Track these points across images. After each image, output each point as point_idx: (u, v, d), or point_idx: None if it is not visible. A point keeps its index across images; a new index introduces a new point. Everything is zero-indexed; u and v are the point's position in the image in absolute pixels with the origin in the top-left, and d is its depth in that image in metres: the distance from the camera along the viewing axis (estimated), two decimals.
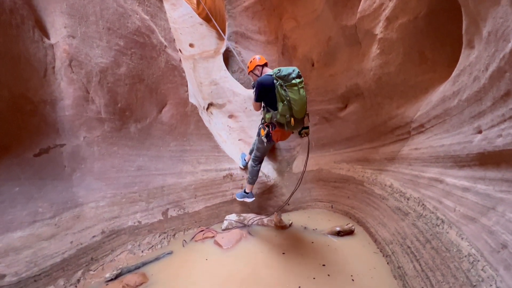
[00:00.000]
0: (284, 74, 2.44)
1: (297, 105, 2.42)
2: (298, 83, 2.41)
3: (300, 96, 2.43)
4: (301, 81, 2.47)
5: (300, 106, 2.45)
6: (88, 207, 2.60)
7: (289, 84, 2.41)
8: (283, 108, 2.47)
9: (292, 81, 2.41)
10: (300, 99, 2.43)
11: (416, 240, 2.16)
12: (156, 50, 2.68)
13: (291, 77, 2.43)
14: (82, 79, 2.29)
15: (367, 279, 2.25)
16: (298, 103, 2.42)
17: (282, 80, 2.44)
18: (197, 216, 3.39)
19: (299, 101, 2.43)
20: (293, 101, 2.41)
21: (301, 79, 2.48)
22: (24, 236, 2.13)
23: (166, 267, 2.60)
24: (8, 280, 1.98)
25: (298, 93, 2.42)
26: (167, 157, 3.16)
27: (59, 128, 2.39)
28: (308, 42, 4.13)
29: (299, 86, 2.42)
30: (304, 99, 2.48)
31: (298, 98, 2.42)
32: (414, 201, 2.34)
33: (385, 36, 2.69)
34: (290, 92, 2.41)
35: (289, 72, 2.45)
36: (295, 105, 2.42)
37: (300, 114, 2.49)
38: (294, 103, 2.41)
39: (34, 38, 1.98)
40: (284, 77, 2.43)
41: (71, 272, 2.35)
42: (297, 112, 2.45)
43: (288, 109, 2.45)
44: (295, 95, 2.41)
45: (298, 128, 2.66)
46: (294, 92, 2.41)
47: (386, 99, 2.99)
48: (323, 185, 4.04)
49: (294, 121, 2.47)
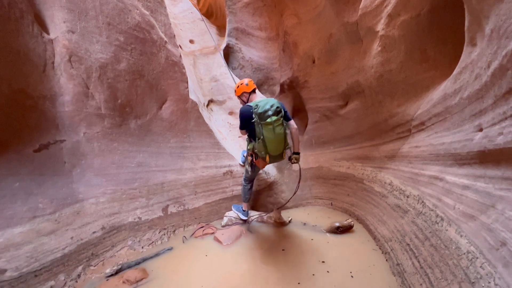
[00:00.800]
0: (260, 112, 2.35)
1: (271, 144, 2.36)
2: (273, 122, 2.31)
3: (275, 135, 2.33)
4: (278, 119, 2.35)
5: (275, 144, 2.38)
6: (88, 203, 2.60)
7: (264, 122, 2.33)
8: (259, 145, 2.44)
9: (267, 120, 2.32)
10: (275, 137, 2.34)
11: (415, 237, 2.17)
12: (156, 46, 2.67)
13: (266, 115, 2.34)
14: (82, 74, 2.28)
15: (366, 276, 2.26)
16: (272, 142, 2.35)
17: (258, 117, 2.36)
18: (197, 213, 3.40)
19: (274, 139, 2.35)
20: (267, 139, 2.34)
21: (278, 117, 2.36)
22: (25, 232, 2.14)
23: (166, 263, 2.61)
24: (9, 275, 1.99)
25: (272, 132, 2.32)
26: (167, 153, 3.16)
27: (59, 124, 2.39)
28: (309, 39, 4.10)
29: (274, 125, 2.31)
30: (280, 137, 2.37)
31: (273, 137, 2.34)
32: (413, 198, 2.35)
33: (386, 33, 2.68)
34: (265, 131, 2.33)
35: (265, 109, 2.35)
36: (269, 143, 2.35)
37: (275, 152, 2.43)
38: (268, 141, 2.34)
39: (33, 32, 1.97)
40: (260, 114, 2.35)
41: (71, 267, 2.36)
42: (272, 150, 2.40)
43: (263, 146, 2.41)
44: (269, 134, 2.33)
45: (278, 160, 2.62)
46: (269, 130, 2.33)
47: (387, 97, 2.98)
48: (323, 182, 4.04)
49: (269, 158, 2.44)
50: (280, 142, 2.40)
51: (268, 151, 2.40)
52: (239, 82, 2.87)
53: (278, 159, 2.59)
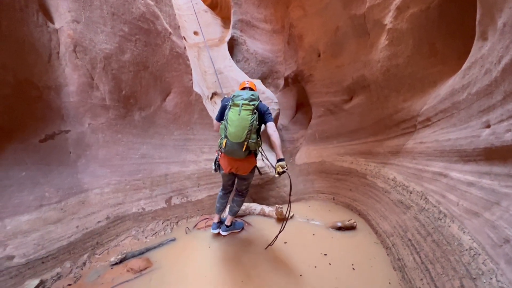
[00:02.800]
0: (235, 95, 2.27)
1: (232, 126, 2.18)
2: (241, 104, 2.19)
3: (238, 117, 2.17)
4: (248, 104, 2.21)
5: (235, 128, 2.17)
6: (93, 193, 2.64)
7: (233, 103, 2.23)
8: (221, 127, 2.30)
9: (236, 101, 2.22)
10: (238, 120, 2.17)
11: (417, 233, 2.17)
12: (161, 37, 2.64)
13: (238, 98, 2.24)
14: (87, 65, 2.28)
15: (367, 269, 2.28)
16: (234, 124, 2.17)
17: (231, 100, 2.27)
18: (200, 205, 3.43)
19: (236, 121, 2.17)
20: (230, 120, 2.19)
21: (251, 103, 2.22)
22: (32, 220, 2.18)
23: (169, 253, 2.65)
24: (17, 261, 2.04)
25: (237, 113, 2.18)
26: (170, 145, 3.18)
27: (64, 114, 2.40)
28: (315, 32, 4.04)
29: (241, 107, 2.18)
30: (244, 122, 2.17)
31: (236, 119, 2.17)
32: (417, 194, 2.34)
33: (394, 27, 2.63)
34: (231, 112, 2.21)
35: (240, 94, 2.27)
36: (230, 125, 2.18)
37: (235, 138, 2.18)
38: (230, 122, 2.19)
39: (38, 22, 1.96)
40: (233, 97, 2.27)
41: (77, 255, 2.41)
42: (231, 134, 2.18)
43: (224, 129, 2.25)
44: (233, 114, 2.18)
45: (236, 154, 2.29)
46: (234, 111, 2.19)
47: (393, 92, 2.95)
48: (325, 177, 4.04)
49: (226, 144, 2.22)
50: (242, 127, 2.18)
51: (227, 133, 2.20)
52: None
53: (236, 151, 2.26)
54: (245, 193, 2.81)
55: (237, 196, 2.79)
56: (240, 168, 2.43)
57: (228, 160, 2.38)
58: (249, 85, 2.58)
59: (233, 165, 2.39)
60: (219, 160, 2.47)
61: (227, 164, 2.40)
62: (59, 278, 2.23)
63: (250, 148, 2.25)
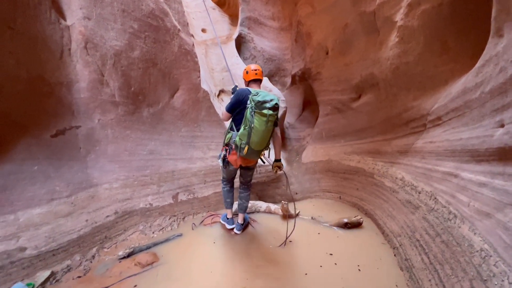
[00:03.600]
0: (259, 100, 2.18)
1: (257, 136, 2.20)
2: (268, 115, 2.16)
3: (264, 129, 2.19)
4: (273, 115, 2.21)
5: (260, 138, 2.21)
6: (102, 188, 2.68)
7: (259, 112, 2.17)
8: (243, 132, 2.26)
9: (263, 111, 2.16)
10: (263, 131, 2.19)
11: (425, 233, 2.14)
12: (170, 34, 2.66)
13: (264, 106, 2.18)
14: (97, 61, 2.31)
15: (373, 270, 2.26)
16: (259, 134, 2.20)
17: (254, 104, 2.19)
18: (206, 201, 3.45)
19: (261, 132, 2.19)
20: (255, 130, 2.19)
21: (275, 113, 2.23)
22: (43, 213, 2.23)
23: (176, 248, 2.68)
24: (29, 253, 2.09)
25: (264, 125, 2.17)
26: (178, 142, 3.20)
27: (75, 110, 2.44)
28: (323, 29, 4.01)
29: (268, 118, 2.17)
30: (268, 133, 2.24)
31: (261, 130, 2.18)
32: (426, 194, 2.31)
33: (405, 24, 2.58)
34: (256, 120, 2.18)
35: (265, 99, 2.19)
36: (255, 134, 2.19)
37: (257, 146, 2.25)
38: (255, 132, 2.19)
39: (51, 19, 2.00)
40: (257, 103, 2.18)
41: (86, 248, 2.46)
42: (254, 143, 2.23)
43: (246, 135, 2.24)
44: (260, 125, 2.17)
45: (253, 158, 2.41)
46: (260, 122, 2.17)
47: (403, 90, 2.90)
48: (332, 176, 4.02)
49: (247, 150, 2.25)
50: (265, 138, 2.26)
51: (250, 141, 2.23)
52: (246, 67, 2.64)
53: (253, 157, 2.37)
54: (249, 185, 2.90)
55: (242, 190, 2.87)
56: (249, 162, 2.53)
57: (241, 158, 2.41)
58: (259, 76, 2.55)
59: (243, 161, 2.46)
60: (228, 157, 2.49)
61: (238, 161, 2.46)
62: (69, 270, 2.28)
63: (264, 150, 2.42)
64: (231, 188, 2.90)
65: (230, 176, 2.80)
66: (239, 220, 2.93)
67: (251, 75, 2.53)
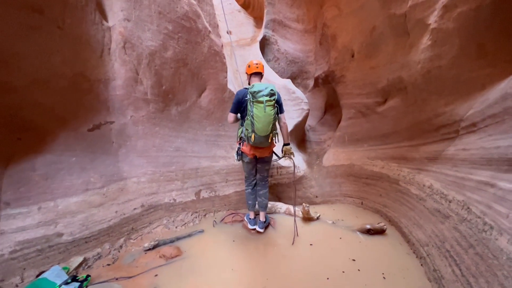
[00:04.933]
0: (255, 90, 2.45)
1: (259, 122, 2.43)
2: (265, 101, 2.42)
3: (264, 114, 2.42)
4: (271, 100, 2.45)
5: (262, 123, 2.44)
6: (131, 182, 2.81)
7: (256, 100, 2.43)
8: (247, 123, 2.55)
9: (259, 98, 2.42)
10: (264, 116, 2.43)
11: (457, 244, 2.05)
12: (201, 35, 2.75)
13: (260, 94, 2.43)
14: (133, 61, 2.43)
15: (399, 279, 2.20)
16: (261, 120, 2.43)
17: (251, 96, 2.46)
18: (226, 200, 3.50)
19: (262, 118, 2.43)
20: (256, 117, 2.43)
21: (272, 98, 2.46)
22: (79, 202, 2.37)
23: (198, 244, 2.75)
24: (65, 238, 2.23)
25: (262, 110, 2.42)
26: (202, 140, 3.28)
27: (110, 106, 2.58)
28: (349, 32, 3.96)
29: (265, 104, 2.42)
30: (269, 118, 2.45)
31: (262, 115, 2.42)
32: (457, 204, 2.21)
33: (439, 26, 2.50)
34: (255, 108, 2.43)
35: (260, 89, 2.45)
36: (257, 121, 2.43)
37: (262, 132, 2.46)
38: (257, 119, 2.43)
39: (95, 20, 2.13)
40: (253, 93, 2.45)
41: (115, 238, 2.59)
42: (259, 129, 2.45)
43: (250, 124, 2.49)
44: (259, 111, 2.42)
45: (263, 145, 2.63)
46: (259, 108, 2.42)
47: (433, 95, 2.81)
48: (353, 180, 3.94)
49: (254, 137, 2.49)
50: (268, 123, 2.46)
51: (254, 129, 2.46)
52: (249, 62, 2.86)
53: (263, 142, 2.56)
54: (267, 182, 3.06)
55: (261, 188, 3.03)
56: (262, 152, 2.74)
57: (253, 147, 2.67)
58: (260, 69, 2.78)
59: (256, 150, 2.70)
60: (242, 149, 2.77)
61: (252, 151, 2.70)
62: (99, 257, 2.41)
63: (273, 137, 2.61)
64: (252, 191, 3.05)
65: (249, 170, 2.97)
66: (261, 218, 3.04)
67: (252, 68, 2.76)
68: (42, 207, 2.17)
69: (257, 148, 2.68)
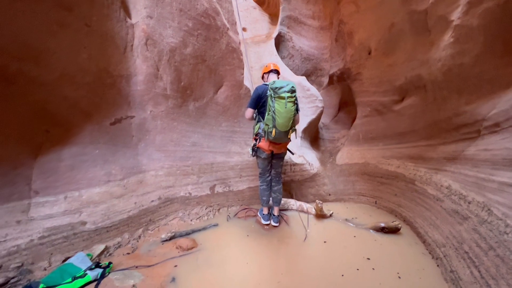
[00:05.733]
0: (276, 86, 2.51)
1: (280, 117, 2.49)
2: (286, 97, 2.47)
3: (285, 110, 2.48)
4: (292, 96, 2.51)
5: (284, 119, 2.49)
6: (149, 175, 2.90)
7: (277, 96, 2.48)
8: (267, 118, 2.58)
9: (281, 94, 2.48)
10: (285, 112, 2.48)
11: (476, 246, 2.02)
12: (219, 32, 2.78)
13: (282, 90, 2.49)
14: (155, 57, 2.50)
15: (415, 279, 2.18)
16: (282, 116, 2.48)
17: (272, 91, 2.51)
18: (240, 195, 3.56)
19: (284, 113, 2.48)
20: (277, 112, 2.48)
21: (293, 94, 2.52)
22: (101, 192, 2.47)
23: (212, 237, 2.81)
24: (88, 227, 2.34)
25: (284, 106, 2.48)
26: (218, 136, 3.34)
27: (131, 101, 2.67)
28: (367, 29, 3.90)
29: (287, 100, 2.47)
30: (290, 114, 2.50)
31: (283, 111, 2.48)
32: (477, 205, 2.17)
33: (463, 23, 2.43)
34: (277, 104, 2.48)
35: (282, 85, 2.51)
36: (278, 116, 2.48)
37: (283, 127, 2.52)
38: (278, 114, 2.48)
39: (119, 17, 2.21)
40: (275, 89, 2.50)
41: (134, 228, 2.68)
42: (280, 124, 2.50)
43: (271, 120, 2.53)
44: (281, 107, 2.48)
45: (283, 141, 2.69)
46: (280, 104, 2.48)
47: (454, 93, 2.74)
48: (368, 179, 3.91)
49: (275, 132, 2.53)
50: (288, 118, 2.51)
51: (275, 124, 2.51)
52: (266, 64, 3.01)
53: (283, 138, 2.62)
54: (281, 177, 3.13)
55: (275, 183, 3.09)
56: (279, 148, 2.81)
57: (271, 143, 2.72)
58: (274, 67, 2.89)
59: (274, 146, 2.76)
60: (259, 145, 2.81)
61: (270, 147, 2.75)
62: (120, 246, 2.51)
63: (291, 132, 2.66)
64: (267, 187, 3.09)
65: (264, 166, 2.99)
66: (275, 212, 3.09)
67: (270, 66, 2.90)
68: (68, 196, 2.28)
69: (275, 144, 2.73)
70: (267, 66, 2.92)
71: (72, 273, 1.95)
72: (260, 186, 3.10)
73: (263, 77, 3.03)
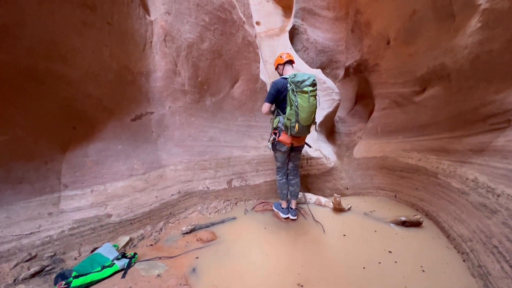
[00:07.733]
0: (298, 80, 2.45)
1: (304, 112, 2.45)
2: (309, 91, 2.43)
3: (308, 104, 2.44)
4: (313, 90, 2.47)
5: (307, 113, 2.47)
6: (169, 169, 2.96)
7: (300, 90, 2.44)
8: (290, 112, 2.53)
9: (304, 88, 2.43)
10: (308, 106, 2.45)
11: (506, 240, 1.94)
12: (236, 26, 2.78)
13: (303, 84, 2.43)
14: (173, 53, 2.54)
15: (440, 273, 2.13)
16: (305, 110, 2.45)
17: (294, 85, 2.47)
18: (257, 189, 3.58)
19: (307, 108, 2.45)
20: (301, 107, 2.44)
21: (314, 88, 2.48)
22: (124, 186, 2.56)
23: (231, 229, 2.85)
24: (113, 219, 2.43)
25: (307, 101, 2.44)
26: (234, 131, 3.36)
27: (150, 98, 2.72)
28: (385, 17, 3.76)
29: (309, 94, 2.43)
30: (312, 108, 2.49)
31: (306, 105, 2.44)
32: (507, 198, 2.08)
33: (492, 6, 2.31)
34: (299, 98, 2.44)
35: (303, 79, 2.45)
36: (302, 111, 2.45)
37: (306, 121, 2.51)
38: (302, 109, 2.45)
39: (139, 15, 2.25)
40: (297, 83, 2.45)
41: (155, 221, 2.76)
42: (303, 119, 2.48)
43: (294, 114, 2.50)
44: (304, 102, 2.44)
45: (304, 134, 2.68)
46: (303, 98, 2.44)
47: (482, 82, 2.61)
48: (387, 173, 3.82)
49: (298, 127, 2.51)
50: (311, 112, 2.49)
51: (299, 119, 2.48)
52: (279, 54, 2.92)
53: (305, 132, 2.62)
54: (298, 170, 3.12)
55: (292, 177, 3.07)
56: (300, 141, 2.80)
57: (293, 137, 2.70)
58: (288, 58, 2.81)
59: (294, 139, 2.73)
60: (279, 139, 2.76)
61: (290, 140, 2.72)
62: (143, 238, 2.60)
63: (312, 125, 2.66)
64: (286, 180, 3.07)
65: (283, 160, 2.97)
66: (293, 205, 3.10)
67: (285, 57, 2.81)
68: (94, 190, 2.38)
69: (296, 138, 2.71)
70: (281, 56, 2.83)
71: (101, 262, 2.05)
72: (280, 180, 3.08)
73: (277, 67, 2.94)
